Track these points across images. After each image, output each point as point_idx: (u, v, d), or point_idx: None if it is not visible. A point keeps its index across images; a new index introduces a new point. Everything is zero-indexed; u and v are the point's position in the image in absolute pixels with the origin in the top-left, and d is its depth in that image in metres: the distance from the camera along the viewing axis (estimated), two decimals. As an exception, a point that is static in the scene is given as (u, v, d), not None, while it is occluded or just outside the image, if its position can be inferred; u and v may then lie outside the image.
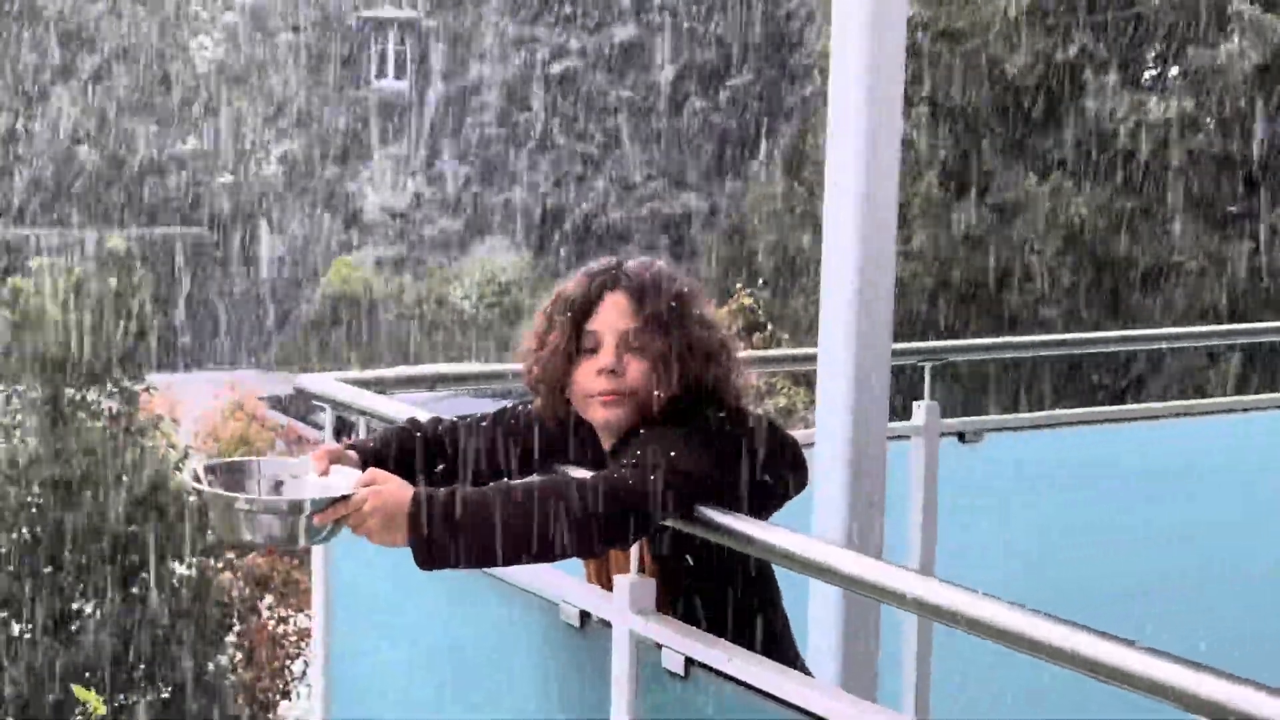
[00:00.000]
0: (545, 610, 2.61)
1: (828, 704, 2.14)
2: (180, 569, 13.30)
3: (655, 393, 2.43)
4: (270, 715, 13.96)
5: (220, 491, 2.28)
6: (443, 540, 2.19)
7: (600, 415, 2.46)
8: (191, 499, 13.15)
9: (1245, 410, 4.56)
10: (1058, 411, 4.40)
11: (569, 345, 2.46)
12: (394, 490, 2.22)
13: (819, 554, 2.19)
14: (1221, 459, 4.26)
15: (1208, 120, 14.93)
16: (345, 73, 32.99)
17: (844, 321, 2.90)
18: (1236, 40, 14.73)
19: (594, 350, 2.46)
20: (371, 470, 2.30)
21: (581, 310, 2.46)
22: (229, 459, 2.49)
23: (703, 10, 31.02)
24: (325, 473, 2.34)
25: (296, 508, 2.23)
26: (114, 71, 29.11)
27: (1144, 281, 15.47)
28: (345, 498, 2.23)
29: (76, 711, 11.61)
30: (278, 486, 2.37)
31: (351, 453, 2.46)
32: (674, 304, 2.45)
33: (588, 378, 2.45)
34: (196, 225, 30.68)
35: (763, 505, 2.43)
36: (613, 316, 2.45)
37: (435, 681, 3.08)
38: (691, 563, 2.46)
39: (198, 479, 2.32)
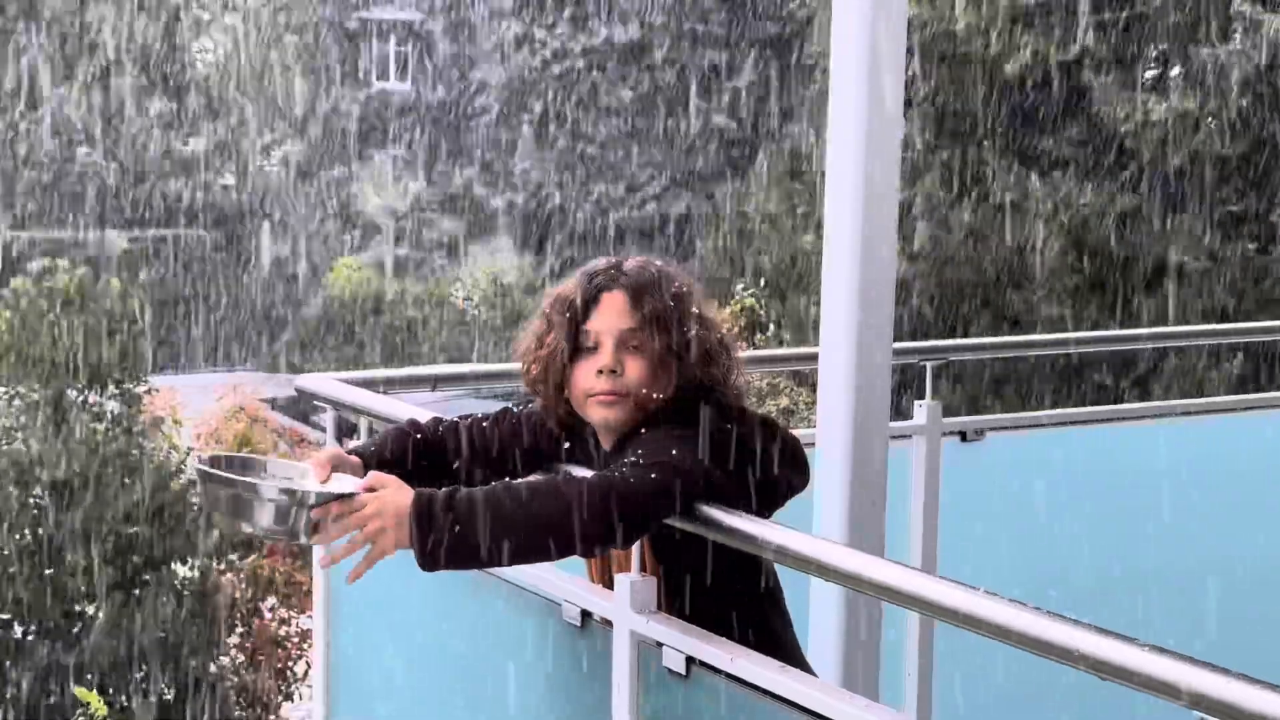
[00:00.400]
0: (546, 610, 2.61)
1: (829, 702, 2.14)
2: (183, 570, 13.30)
3: (654, 393, 2.43)
4: (272, 717, 13.95)
5: (224, 474, 2.27)
6: (443, 541, 2.19)
7: (599, 415, 2.46)
8: (195, 502, 13.15)
9: (1246, 410, 4.56)
10: (1059, 411, 4.41)
11: (567, 345, 2.46)
12: (394, 493, 2.22)
13: (821, 552, 2.19)
14: (1223, 459, 4.26)
15: (1209, 120, 14.93)
16: (346, 74, 33.00)
17: (845, 321, 2.91)
18: (1238, 40, 14.74)
19: (593, 350, 2.46)
20: (373, 474, 2.30)
21: (580, 310, 2.47)
22: (238, 453, 2.49)
23: (703, 10, 31.02)
24: (326, 480, 2.34)
25: (300, 500, 2.22)
26: (116, 73, 29.12)
27: (1145, 281, 15.47)
28: (347, 496, 2.23)
29: (79, 713, 11.61)
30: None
31: (353, 458, 2.46)
32: (672, 303, 2.45)
33: (586, 378, 2.45)
34: (198, 227, 30.68)
35: (764, 504, 2.43)
36: (611, 316, 2.45)
37: (436, 682, 3.08)
38: (693, 562, 2.46)
39: (203, 463, 2.31)
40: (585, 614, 2.53)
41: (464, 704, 2.97)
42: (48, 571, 12.66)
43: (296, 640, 14.13)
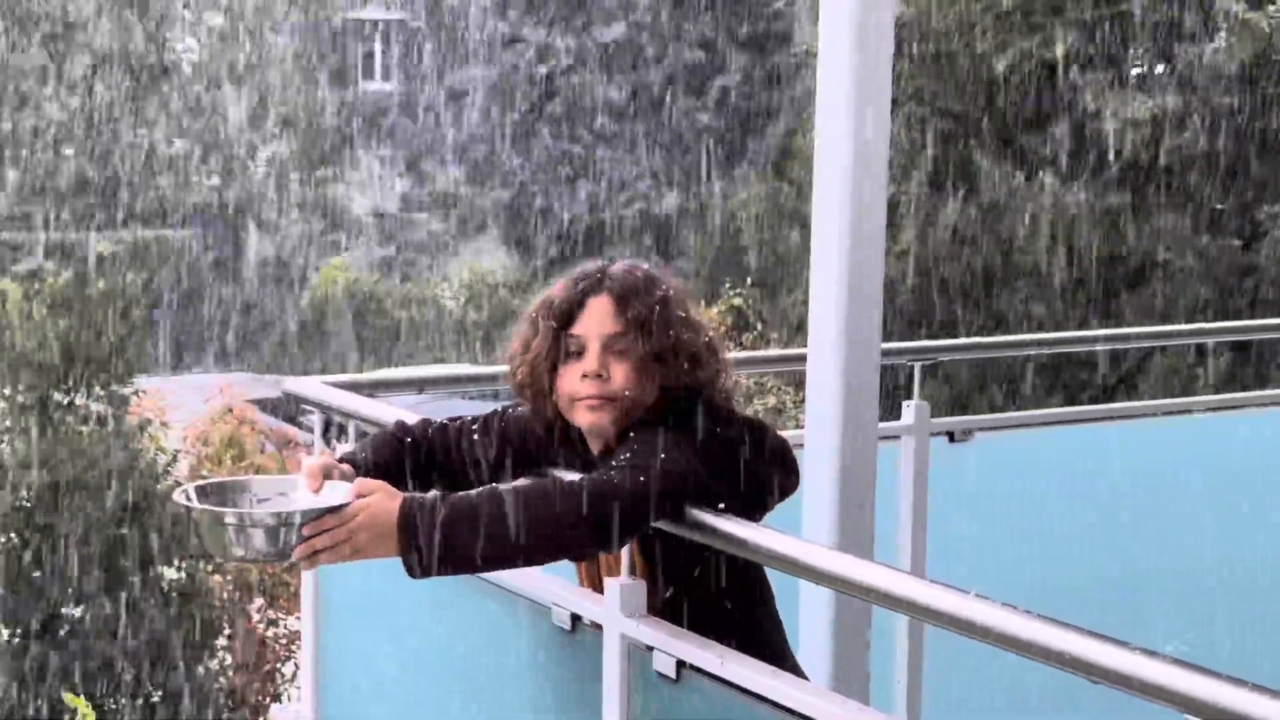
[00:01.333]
0: (536, 614, 2.61)
1: (819, 706, 2.14)
2: (170, 573, 13.26)
3: (640, 396, 2.43)
4: (261, 718, 13.93)
5: (208, 508, 2.26)
6: (431, 549, 2.18)
7: (585, 419, 2.46)
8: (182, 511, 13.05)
9: (1233, 409, 4.57)
10: (1047, 410, 4.42)
11: (553, 350, 2.46)
12: (381, 501, 2.20)
13: (809, 556, 2.19)
14: (1210, 458, 4.26)
15: (1194, 118, 14.96)
16: (332, 74, 32.94)
17: (833, 321, 2.90)
18: (1223, 38, 14.77)
19: (578, 354, 2.45)
20: (361, 480, 2.28)
21: (565, 314, 2.46)
22: (220, 479, 2.47)
23: (689, 9, 31.03)
24: (318, 489, 2.32)
25: (286, 521, 2.20)
26: (100, 73, 29.03)
27: (1132, 279, 15.50)
28: (336, 508, 2.20)
29: (65, 717, 11.57)
30: (267, 504, 2.35)
31: (345, 465, 2.44)
32: (658, 307, 2.45)
33: (572, 382, 2.45)
34: (184, 228, 30.61)
35: (753, 507, 2.43)
36: (596, 320, 2.45)
37: (426, 685, 3.07)
38: (682, 565, 2.45)
39: (189, 499, 2.29)
40: (575, 618, 2.52)
41: (453, 707, 2.96)
42: (34, 574, 12.62)
43: (285, 642, 14.11)
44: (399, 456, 2.54)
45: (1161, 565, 4.11)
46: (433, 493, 2.24)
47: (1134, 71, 15.61)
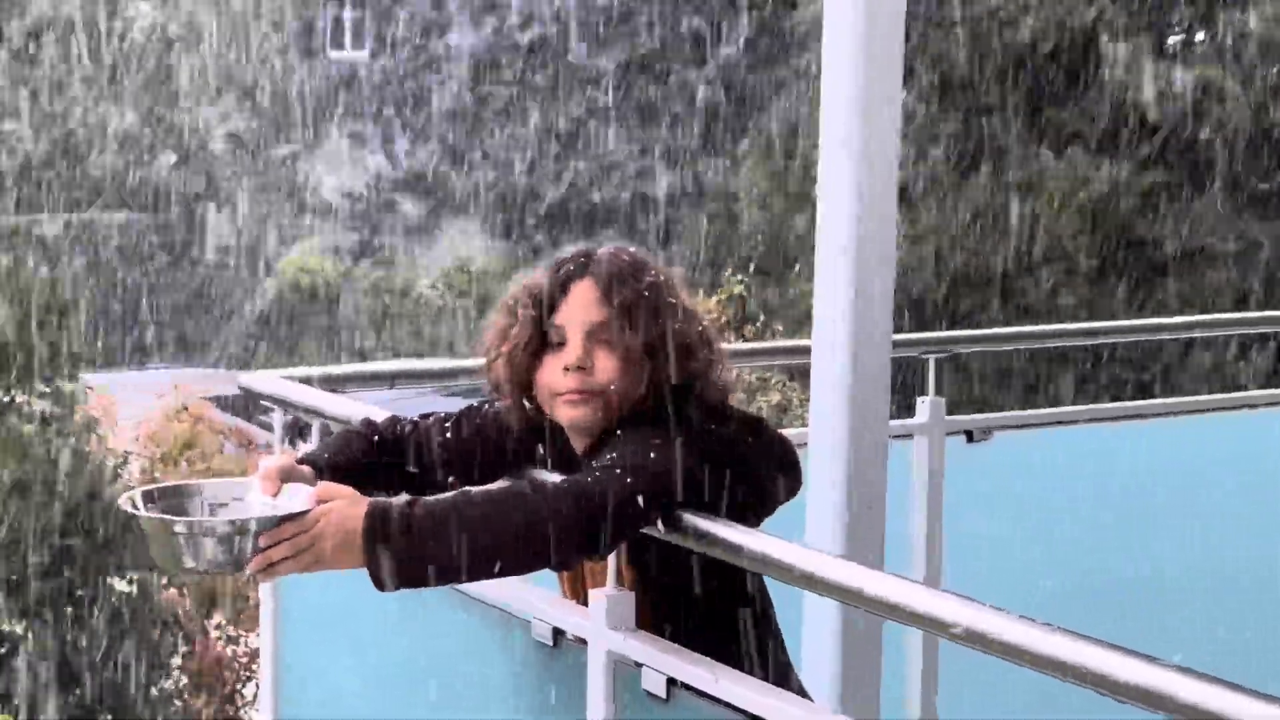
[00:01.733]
0: (516, 627, 2.61)
1: (823, 728, 2.14)
2: (120, 585, 13.25)
3: (626, 390, 2.42)
4: (220, 744, 13.94)
5: (156, 516, 2.24)
6: (399, 559, 2.17)
7: (567, 415, 2.45)
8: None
9: (1272, 405, 4.57)
10: (1072, 408, 4.42)
11: (533, 340, 2.45)
12: (345, 507, 2.19)
13: (814, 564, 2.19)
14: (1244, 456, 4.27)
15: (1238, 90, 14.97)
16: (299, 42, 32.92)
17: (841, 311, 2.91)
18: (1269, 4, 14.79)
19: (560, 345, 2.45)
20: (323, 485, 2.27)
21: (546, 302, 2.45)
22: (169, 483, 2.46)
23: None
24: (275, 493, 2.31)
25: (241, 529, 2.19)
26: (44, 41, 29.01)
27: (1170, 266, 15.51)
28: (296, 515, 2.19)
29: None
30: (221, 510, 2.33)
31: (304, 467, 2.43)
32: (647, 293, 2.44)
33: (553, 375, 2.44)
34: (136, 209, 30.59)
35: (752, 511, 2.43)
36: (580, 308, 2.44)
37: (394, 705, 3.07)
38: (674, 574, 2.45)
39: (135, 506, 2.28)
40: (557, 632, 2.52)
41: (425, 731, 2.96)
42: (-28, 587, 12.63)
43: (245, 660, 14.12)
44: (365, 457, 2.54)
45: (1190, 569, 4.12)
46: (401, 497, 2.24)
47: (1172, 40, 15.62)
